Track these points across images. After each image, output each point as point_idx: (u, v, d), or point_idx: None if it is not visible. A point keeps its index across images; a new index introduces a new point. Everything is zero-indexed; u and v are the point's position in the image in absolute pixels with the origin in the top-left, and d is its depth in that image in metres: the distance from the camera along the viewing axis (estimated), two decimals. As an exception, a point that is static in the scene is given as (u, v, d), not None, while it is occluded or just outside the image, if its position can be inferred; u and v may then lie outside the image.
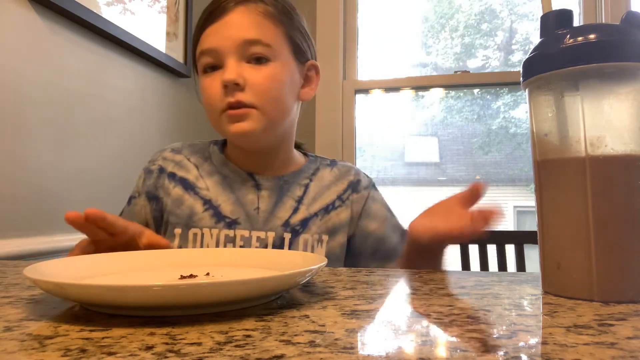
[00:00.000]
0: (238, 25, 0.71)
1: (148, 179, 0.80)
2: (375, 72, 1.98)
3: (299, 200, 0.78)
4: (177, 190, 0.77)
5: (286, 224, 0.75)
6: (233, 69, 0.70)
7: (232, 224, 0.74)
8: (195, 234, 0.74)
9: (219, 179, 0.78)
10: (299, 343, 0.27)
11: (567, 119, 0.39)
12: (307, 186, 0.80)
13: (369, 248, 0.80)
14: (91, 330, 0.30)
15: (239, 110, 0.70)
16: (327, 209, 0.79)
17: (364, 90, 1.92)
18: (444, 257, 0.66)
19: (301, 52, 0.78)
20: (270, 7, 0.74)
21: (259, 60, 0.71)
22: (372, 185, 0.85)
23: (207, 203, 0.76)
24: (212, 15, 0.73)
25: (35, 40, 1.00)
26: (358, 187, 0.82)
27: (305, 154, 0.87)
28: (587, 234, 0.38)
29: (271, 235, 0.74)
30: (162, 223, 0.78)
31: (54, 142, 1.04)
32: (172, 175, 0.79)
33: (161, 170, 0.79)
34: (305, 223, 0.76)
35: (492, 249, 1.16)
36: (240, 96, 0.70)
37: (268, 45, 0.72)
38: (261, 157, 0.79)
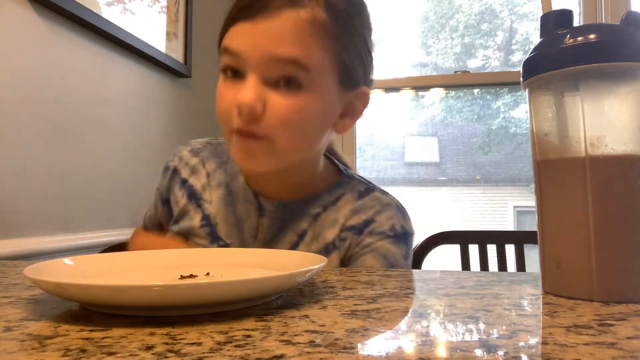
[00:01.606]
0: (275, 35, 0.55)
1: (164, 178, 0.75)
2: (375, 72, 1.97)
3: (302, 235, 0.66)
4: (184, 201, 0.72)
5: None
6: (252, 90, 0.56)
7: (225, 247, 0.67)
8: None
9: (224, 193, 0.70)
10: (299, 343, 0.27)
11: (567, 119, 0.39)
12: (316, 217, 0.66)
13: None
14: (91, 330, 0.30)
15: (250, 142, 0.58)
16: (327, 249, 0.65)
17: (364, 90, 1.91)
18: None
19: (351, 78, 0.63)
20: (328, 15, 0.57)
21: (289, 83, 0.57)
22: (391, 236, 0.65)
23: (205, 219, 0.69)
24: (250, 8, 0.57)
25: (35, 41, 1.00)
26: (365, 229, 0.65)
27: (341, 172, 0.72)
28: (587, 234, 0.38)
29: None
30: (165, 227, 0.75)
31: (53, 141, 1.04)
32: (183, 182, 0.73)
33: (175, 172, 0.74)
34: None
35: (492, 249, 1.15)
36: (254, 127, 0.57)
37: (306, 68, 0.56)
38: (272, 178, 0.67)
